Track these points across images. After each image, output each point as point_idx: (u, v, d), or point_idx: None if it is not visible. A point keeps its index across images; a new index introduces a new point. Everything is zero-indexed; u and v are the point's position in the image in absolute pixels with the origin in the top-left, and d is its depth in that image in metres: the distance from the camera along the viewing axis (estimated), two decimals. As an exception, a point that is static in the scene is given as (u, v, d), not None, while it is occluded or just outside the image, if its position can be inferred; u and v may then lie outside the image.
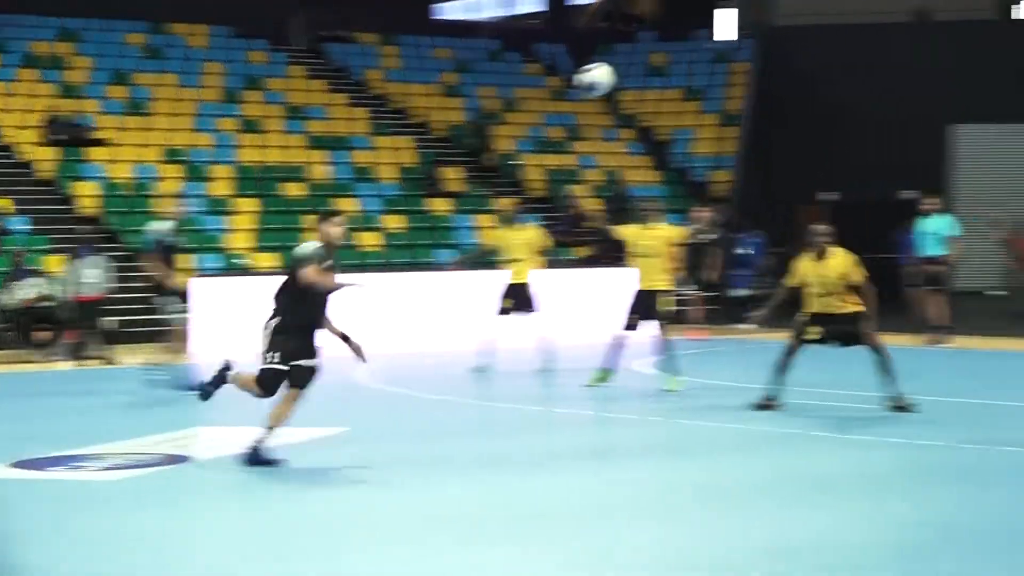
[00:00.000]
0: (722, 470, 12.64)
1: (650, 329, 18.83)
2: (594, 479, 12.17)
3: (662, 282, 18.70)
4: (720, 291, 29.63)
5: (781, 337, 17.02)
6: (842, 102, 39.22)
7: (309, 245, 13.01)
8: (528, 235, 20.85)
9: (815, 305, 16.07)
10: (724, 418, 15.88)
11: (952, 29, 40.11)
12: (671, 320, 19.25)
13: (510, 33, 43.28)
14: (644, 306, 18.63)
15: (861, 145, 38.85)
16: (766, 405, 16.05)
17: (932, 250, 24.62)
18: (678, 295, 25.27)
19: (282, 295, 12.76)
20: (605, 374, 18.62)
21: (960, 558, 8.99)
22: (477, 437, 14.79)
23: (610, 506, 10.85)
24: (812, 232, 16.19)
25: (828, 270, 15.94)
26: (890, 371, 15.82)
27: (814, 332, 16.13)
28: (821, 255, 15.94)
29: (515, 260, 20.86)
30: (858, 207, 31.29)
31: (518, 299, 20.65)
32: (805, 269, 16.09)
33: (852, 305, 16.03)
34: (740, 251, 30.50)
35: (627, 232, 19.13)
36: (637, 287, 18.83)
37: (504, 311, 20.81)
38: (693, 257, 26.59)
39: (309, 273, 12.51)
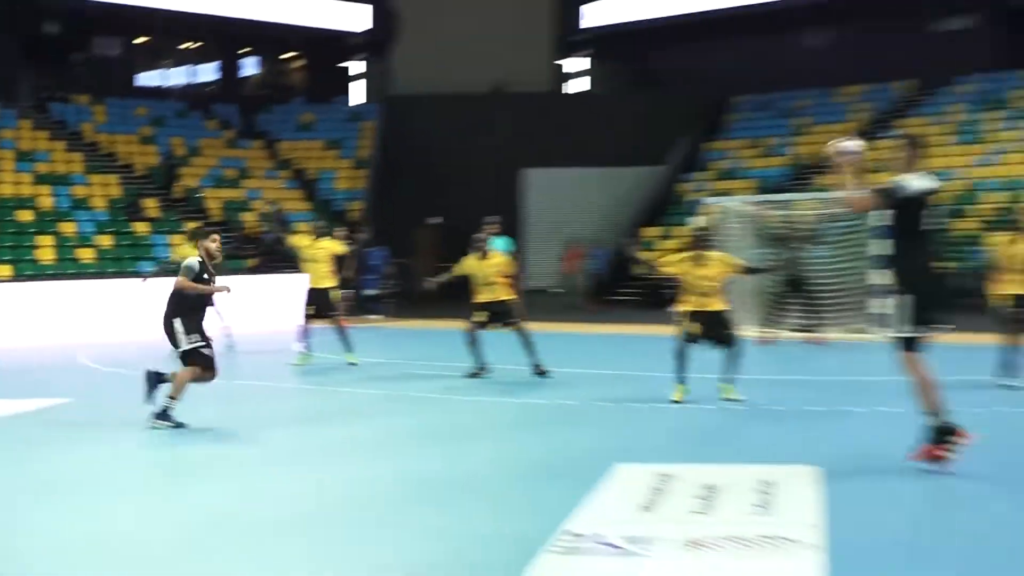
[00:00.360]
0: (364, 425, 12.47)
1: (324, 319, 18.52)
2: (249, 437, 11.94)
3: (329, 281, 18.37)
4: (355, 290, 29.64)
5: (401, 325, 17.23)
6: (444, 151, 40.10)
7: (190, 259, 12.75)
8: (331, 247, 19.54)
9: (484, 294, 16.31)
10: (374, 386, 15.63)
11: (522, 97, 41.27)
12: (341, 311, 19.03)
13: (193, 96, 42.43)
14: (317, 301, 18.32)
15: (459, 183, 39.58)
16: (475, 374, 15.98)
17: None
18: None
19: (176, 296, 12.55)
20: (306, 357, 18.29)
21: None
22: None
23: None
24: (477, 239, 16.56)
25: (489, 268, 16.24)
26: (532, 346, 16.07)
27: (480, 316, 16.19)
28: (484, 255, 16.19)
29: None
30: (458, 228, 31.89)
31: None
32: (470, 265, 16.37)
33: (505, 294, 16.33)
34: (371, 261, 30.70)
35: (300, 243, 18.91)
36: (310, 287, 18.51)
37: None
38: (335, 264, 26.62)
39: (180, 281, 12.49)
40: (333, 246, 18.92)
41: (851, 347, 20.34)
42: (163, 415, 12.08)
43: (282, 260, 31.37)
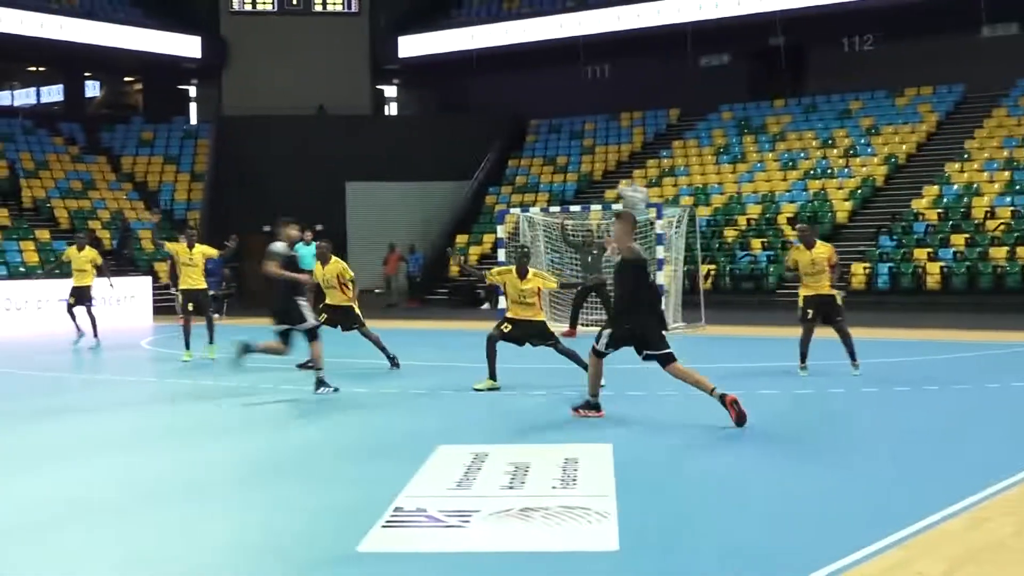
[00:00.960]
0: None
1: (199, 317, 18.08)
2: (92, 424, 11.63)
3: (203, 283, 18.16)
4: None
5: (234, 322, 16.96)
6: (274, 166, 39.63)
7: (276, 245, 13.02)
8: (207, 252, 19.22)
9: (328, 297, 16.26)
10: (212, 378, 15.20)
11: (344, 119, 40.96)
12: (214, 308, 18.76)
13: (40, 114, 40.90)
14: (194, 300, 17.90)
15: (288, 195, 39.08)
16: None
17: (310, 265, 25.44)
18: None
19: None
20: (190, 354, 17.59)
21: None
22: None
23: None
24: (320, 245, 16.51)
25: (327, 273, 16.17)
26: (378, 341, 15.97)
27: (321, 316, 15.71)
28: (326, 261, 16.23)
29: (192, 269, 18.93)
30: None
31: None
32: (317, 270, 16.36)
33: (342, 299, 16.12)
34: (208, 265, 29.84)
35: (176, 248, 18.34)
36: (186, 288, 18.07)
37: (70, 307, 21.16)
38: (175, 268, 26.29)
39: (267, 266, 12.80)
40: (208, 251, 18.57)
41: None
42: (322, 383, 13.07)
43: (128, 264, 30.58)
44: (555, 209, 26.82)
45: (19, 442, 10.55)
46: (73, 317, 21.11)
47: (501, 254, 24.25)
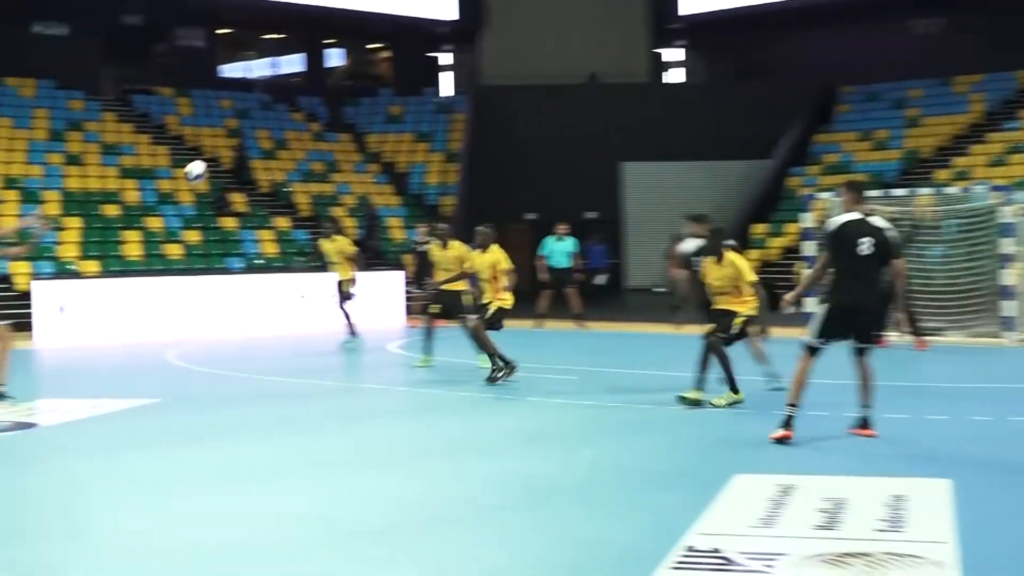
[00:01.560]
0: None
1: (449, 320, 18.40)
2: (355, 435, 12.24)
3: (461, 284, 18.50)
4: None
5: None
6: (536, 144, 40.34)
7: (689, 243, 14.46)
8: (340, 244, 22.21)
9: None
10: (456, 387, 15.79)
11: (618, 89, 41.20)
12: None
13: (278, 88, 42.93)
14: (445, 301, 18.05)
15: (553, 176, 39.71)
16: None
17: (563, 263, 25.85)
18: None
19: None
20: (427, 359, 18.18)
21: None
22: (267, 405, 14.45)
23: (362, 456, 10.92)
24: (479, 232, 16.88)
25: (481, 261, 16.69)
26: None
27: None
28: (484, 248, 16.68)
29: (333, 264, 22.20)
30: (550, 225, 32.06)
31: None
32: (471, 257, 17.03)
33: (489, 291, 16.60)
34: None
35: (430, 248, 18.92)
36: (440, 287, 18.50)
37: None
38: (421, 263, 27.18)
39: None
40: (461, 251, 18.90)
41: (974, 352, 20.01)
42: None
43: (375, 258, 31.71)
44: (874, 193, 26.15)
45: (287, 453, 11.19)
46: (346, 315, 22.15)
47: (807, 247, 23.86)
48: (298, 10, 40.77)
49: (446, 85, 47.77)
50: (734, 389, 13.41)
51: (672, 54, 48.20)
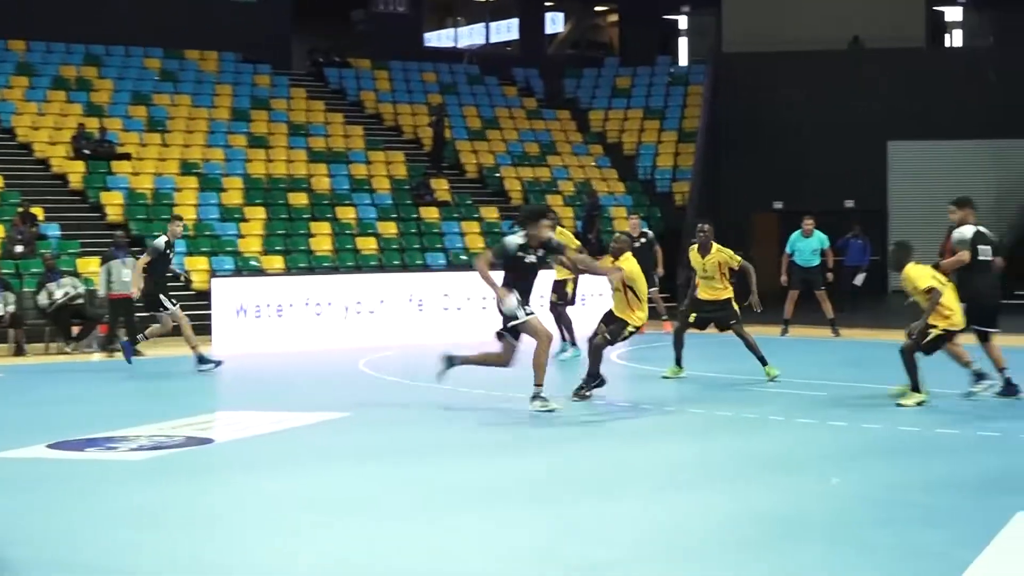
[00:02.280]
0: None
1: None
2: (563, 458, 12.24)
3: (727, 292, 18.61)
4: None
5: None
6: (786, 121, 39.91)
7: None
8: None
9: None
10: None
11: (886, 55, 40.28)
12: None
13: (489, 59, 43.26)
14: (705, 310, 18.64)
15: (804, 159, 39.21)
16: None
17: (810, 261, 25.70)
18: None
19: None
20: (676, 370, 18.31)
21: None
22: (464, 423, 14.55)
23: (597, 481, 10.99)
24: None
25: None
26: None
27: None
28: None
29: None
30: (801, 215, 31.66)
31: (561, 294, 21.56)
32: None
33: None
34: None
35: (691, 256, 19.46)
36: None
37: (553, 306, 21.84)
38: (640, 260, 27.18)
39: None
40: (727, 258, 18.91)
41: None
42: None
43: (596, 254, 31.66)
44: None
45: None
46: (558, 319, 21.63)
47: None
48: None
49: (683, 53, 47.57)
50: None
51: (953, 13, 47.02)
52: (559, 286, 21.60)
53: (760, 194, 39.97)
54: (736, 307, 17.70)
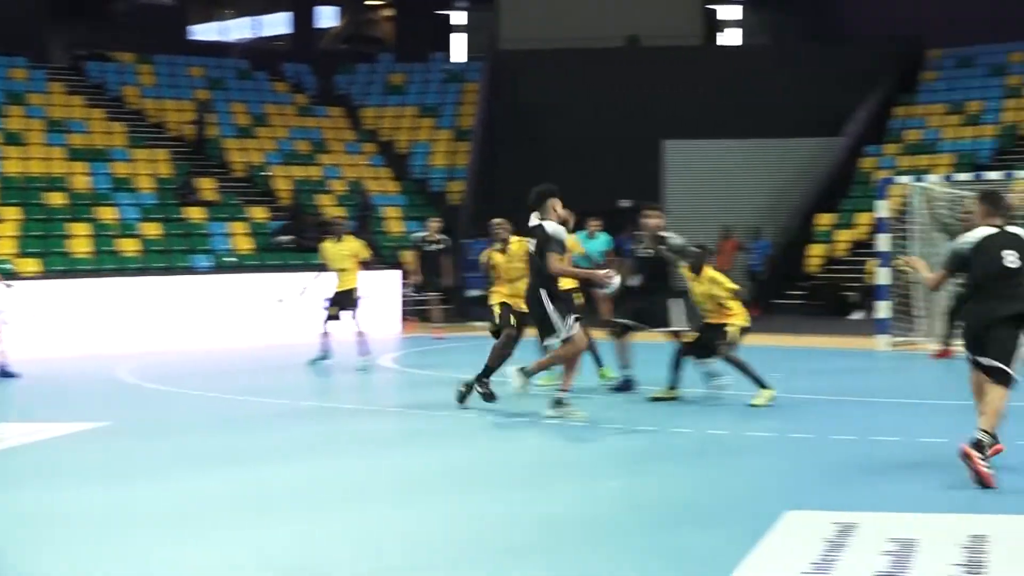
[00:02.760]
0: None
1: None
2: (324, 466, 12.14)
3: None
4: (454, 293, 29.86)
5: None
6: (563, 119, 40.22)
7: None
8: (351, 247, 21.14)
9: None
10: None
11: (662, 54, 41.01)
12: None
13: (259, 53, 42.89)
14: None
15: (581, 158, 39.61)
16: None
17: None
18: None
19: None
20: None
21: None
22: (221, 431, 14.40)
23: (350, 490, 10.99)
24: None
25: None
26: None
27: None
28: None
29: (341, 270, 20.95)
30: (581, 214, 31.83)
31: (344, 303, 20.95)
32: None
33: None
34: (472, 256, 30.74)
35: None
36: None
37: (332, 316, 21.05)
38: (428, 264, 27.40)
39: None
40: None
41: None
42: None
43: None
44: (963, 177, 26.09)
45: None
46: (326, 333, 20.97)
47: (882, 240, 23.80)
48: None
49: (458, 50, 47.76)
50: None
51: (729, 11, 48.07)
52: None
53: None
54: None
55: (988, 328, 10.96)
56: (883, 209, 24.49)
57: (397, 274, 29.44)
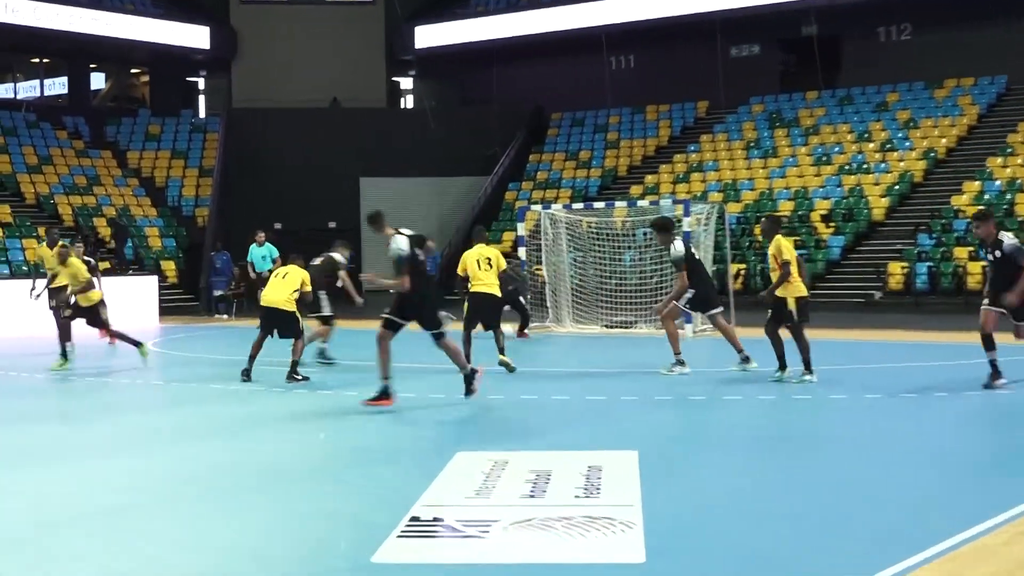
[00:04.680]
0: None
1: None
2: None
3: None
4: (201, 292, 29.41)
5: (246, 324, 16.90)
6: (282, 161, 39.91)
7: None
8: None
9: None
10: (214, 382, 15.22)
11: (357, 112, 41.02)
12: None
13: (44, 108, 41.04)
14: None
15: (299, 190, 39.27)
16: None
17: (262, 267, 25.07)
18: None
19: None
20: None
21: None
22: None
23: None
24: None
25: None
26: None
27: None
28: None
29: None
30: (296, 232, 31.67)
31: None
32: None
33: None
34: (217, 264, 30.25)
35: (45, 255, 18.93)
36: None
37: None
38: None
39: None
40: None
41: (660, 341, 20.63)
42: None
43: (122, 265, 30.86)
44: (578, 206, 26.81)
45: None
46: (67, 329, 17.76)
47: (522, 252, 24.27)
48: (63, 35, 39.04)
49: (202, 107, 46.77)
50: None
51: (407, 82, 48.29)
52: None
53: (263, 218, 39.72)
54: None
55: None
56: (521, 229, 25.02)
57: (154, 279, 28.81)
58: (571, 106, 43.03)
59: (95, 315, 17.30)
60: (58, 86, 44.18)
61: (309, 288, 15.46)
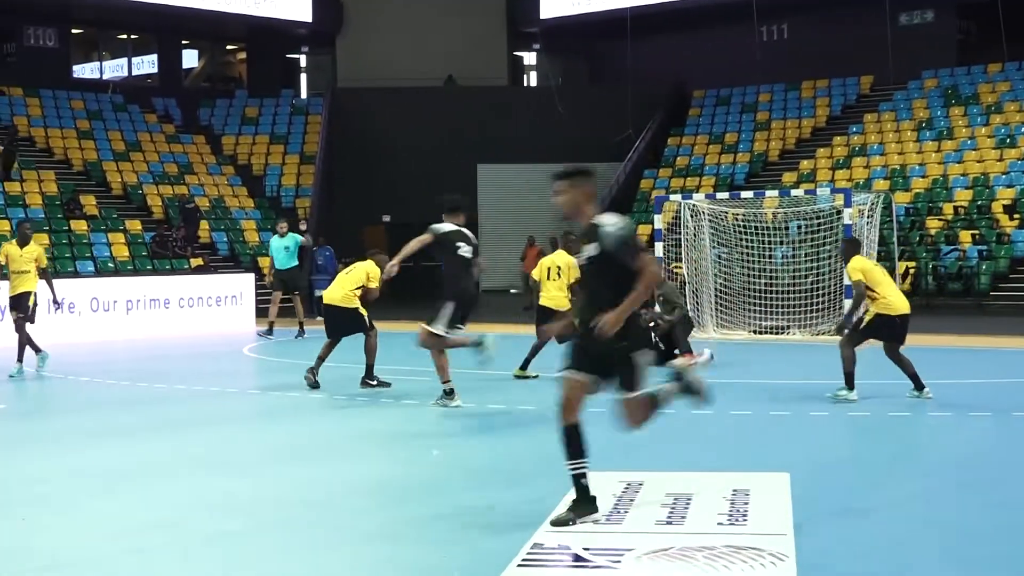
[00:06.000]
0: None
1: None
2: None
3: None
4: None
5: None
6: (391, 146, 40.28)
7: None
8: (35, 251, 18.28)
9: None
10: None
11: (475, 91, 41.27)
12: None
13: (132, 89, 42.13)
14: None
15: (407, 179, 39.77)
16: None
17: (284, 262, 25.19)
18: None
19: None
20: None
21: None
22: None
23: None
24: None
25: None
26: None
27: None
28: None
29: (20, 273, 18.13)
30: (407, 226, 31.86)
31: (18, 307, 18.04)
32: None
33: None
34: (318, 260, 30.59)
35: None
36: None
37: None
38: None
39: None
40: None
41: (817, 349, 20.41)
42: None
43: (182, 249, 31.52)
44: (722, 195, 26.64)
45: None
46: (28, 338, 17.92)
47: (659, 248, 24.19)
48: (152, 9, 40.08)
49: (303, 87, 47.52)
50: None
51: (530, 58, 48.45)
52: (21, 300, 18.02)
53: (371, 209, 40.31)
54: None
55: None
56: (659, 221, 24.92)
57: (251, 277, 29.33)
58: (716, 83, 42.77)
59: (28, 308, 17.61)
60: (147, 65, 45.26)
61: (376, 284, 15.32)
